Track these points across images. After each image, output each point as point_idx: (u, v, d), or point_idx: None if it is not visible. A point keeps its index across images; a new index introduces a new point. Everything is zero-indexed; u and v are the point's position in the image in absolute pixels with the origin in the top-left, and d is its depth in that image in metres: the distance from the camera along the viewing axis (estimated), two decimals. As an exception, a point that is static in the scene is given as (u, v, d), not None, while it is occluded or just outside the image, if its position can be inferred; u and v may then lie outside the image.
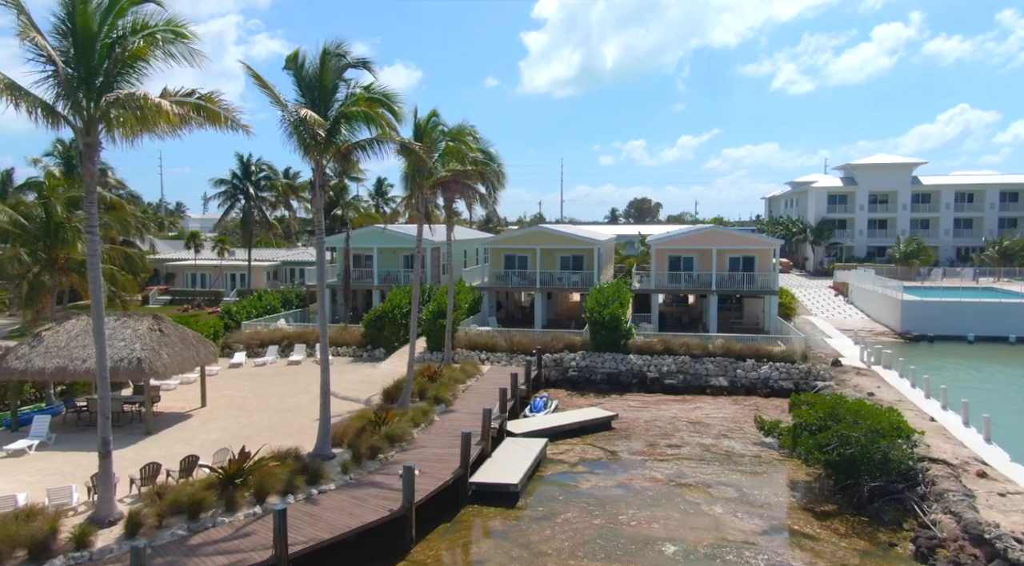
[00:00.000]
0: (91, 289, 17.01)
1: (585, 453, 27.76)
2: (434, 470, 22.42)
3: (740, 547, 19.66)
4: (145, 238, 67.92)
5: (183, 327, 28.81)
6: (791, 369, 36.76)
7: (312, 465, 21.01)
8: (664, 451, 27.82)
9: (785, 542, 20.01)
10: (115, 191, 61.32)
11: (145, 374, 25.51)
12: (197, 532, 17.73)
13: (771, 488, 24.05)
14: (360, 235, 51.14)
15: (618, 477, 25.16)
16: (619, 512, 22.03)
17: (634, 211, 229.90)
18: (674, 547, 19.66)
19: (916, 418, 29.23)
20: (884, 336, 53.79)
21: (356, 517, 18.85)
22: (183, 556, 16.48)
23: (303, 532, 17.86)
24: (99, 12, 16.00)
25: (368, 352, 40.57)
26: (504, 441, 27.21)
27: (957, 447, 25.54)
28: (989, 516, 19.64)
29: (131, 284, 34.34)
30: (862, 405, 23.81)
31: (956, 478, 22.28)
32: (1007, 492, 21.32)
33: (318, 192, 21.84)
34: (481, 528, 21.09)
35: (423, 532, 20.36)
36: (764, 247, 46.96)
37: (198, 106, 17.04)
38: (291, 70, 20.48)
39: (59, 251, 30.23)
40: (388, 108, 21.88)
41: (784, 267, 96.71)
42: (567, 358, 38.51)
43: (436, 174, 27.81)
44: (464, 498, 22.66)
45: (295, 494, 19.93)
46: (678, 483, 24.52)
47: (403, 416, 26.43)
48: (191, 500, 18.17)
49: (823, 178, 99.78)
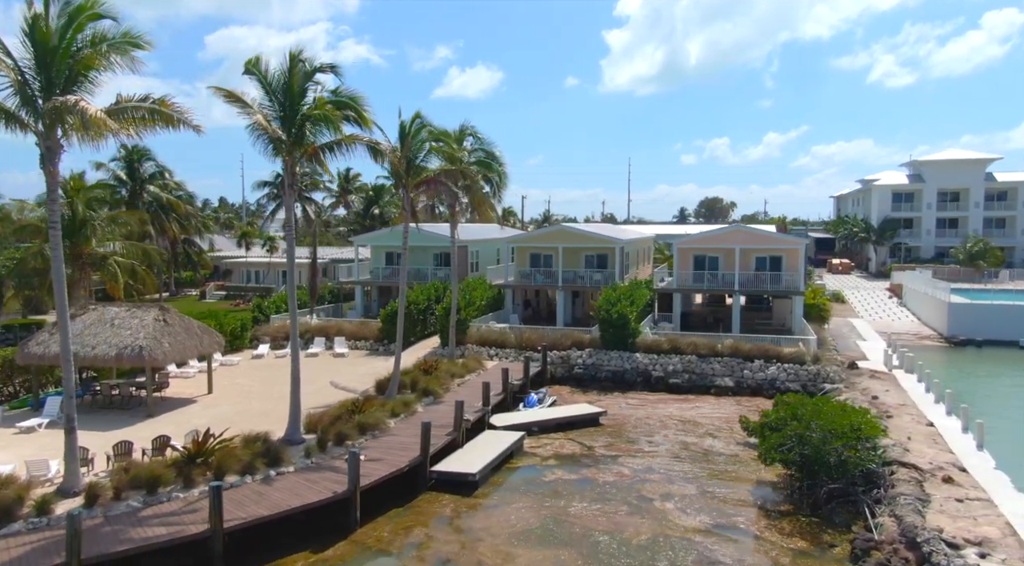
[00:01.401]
0: (54, 279, 18.69)
1: (562, 448, 28.18)
2: (395, 458, 23.36)
3: (676, 542, 19.81)
4: (204, 236, 71.79)
5: (189, 318, 30.71)
6: (799, 371, 36.07)
7: (275, 448, 22.27)
8: (641, 448, 27.97)
9: (723, 539, 20.01)
10: (173, 192, 64.97)
11: (146, 361, 27.42)
12: (151, 505, 19.19)
13: (734, 487, 23.94)
14: (390, 233, 52.70)
15: (584, 471, 25.52)
16: (570, 504, 22.45)
17: (705, 211, 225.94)
18: (609, 539, 19.98)
19: (912, 422, 28.49)
20: (929, 340, 51.77)
21: (300, 497, 19.97)
22: (130, 525, 17.93)
23: (246, 509, 19.08)
24: (59, 27, 17.56)
25: (384, 346, 41.95)
26: (482, 433, 27.91)
27: (940, 452, 24.81)
28: (936, 521, 19.18)
29: (150, 277, 36.55)
30: (824, 406, 23.40)
31: (918, 483, 21.74)
32: (966, 498, 20.70)
33: (288, 191, 23.09)
34: (430, 513, 21.88)
35: (374, 515, 21.29)
36: (790, 247, 45.98)
37: (152, 110, 18.42)
38: (254, 74, 21.71)
39: (83, 246, 32.62)
40: (355, 110, 22.93)
41: (844, 268, 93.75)
42: (574, 355, 38.87)
43: (425, 173, 28.76)
44: (424, 485, 23.49)
45: (253, 474, 21.21)
46: (642, 479, 24.70)
47: (383, 406, 27.48)
48: (150, 476, 19.66)
49: (888, 175, 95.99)
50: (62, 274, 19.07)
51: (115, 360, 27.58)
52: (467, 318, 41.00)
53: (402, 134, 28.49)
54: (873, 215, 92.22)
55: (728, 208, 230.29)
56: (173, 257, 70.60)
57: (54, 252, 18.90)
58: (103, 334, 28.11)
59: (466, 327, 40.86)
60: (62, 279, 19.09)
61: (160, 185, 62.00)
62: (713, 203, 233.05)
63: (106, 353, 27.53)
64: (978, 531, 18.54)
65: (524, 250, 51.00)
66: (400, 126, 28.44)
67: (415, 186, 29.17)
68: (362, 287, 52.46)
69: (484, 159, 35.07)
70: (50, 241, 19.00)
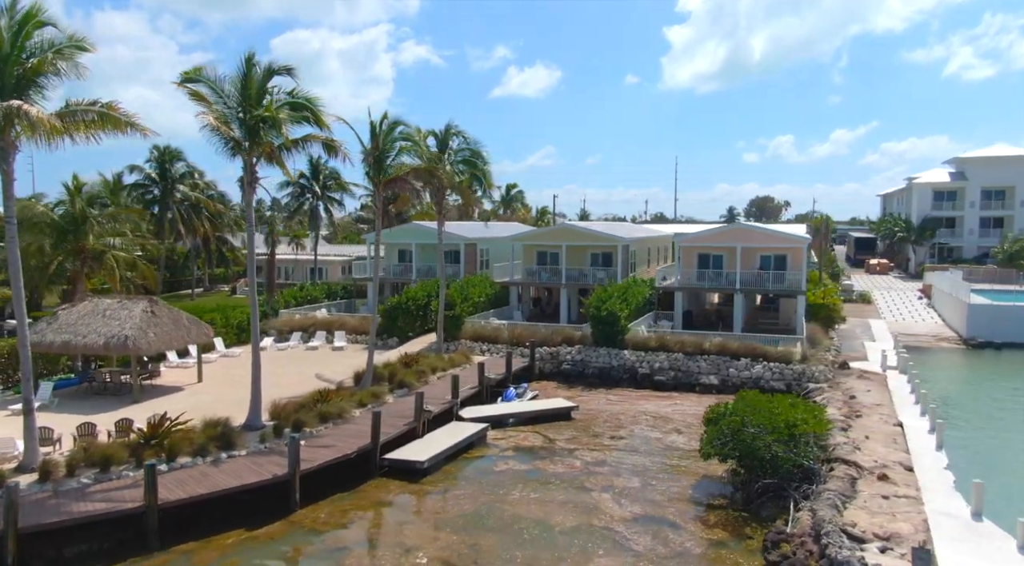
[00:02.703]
0: (11, 272, 20.19)
1: (525, 440, 28.77)
2: (347, 444, 24.35)
3: (597, 531, 20.26)
4: (236, 234, 74.44)
5: (178, 311, 32.32)
6: (784, 370, 35.84)
7: (229, 433, 23.48)
8: (602, 442, 28.36)
9: (644, 529, 20.36)
10: (205, 192, 67.61)
11: (130, 350, 29.08)
12: (101, 482, 20.57)
13: (679, 480, 24.19)
14: (400, 231, 54.02)
15: (537, 463, 26.08)
16: (510, 493, 23.08)
17: (755, 210, 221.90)
18: (534, 526, 20.56)
19: (879, 422, 28.25)
20: (947, 342, 50.53)
21: (241, 478, 21.11)
22: (74, 500, 19.32)
23: (186, 488, 20.30)
24: (10, 36, 19.04)
25: (383, 341, 43.09)
26: (447, 424, 28.69)
27: (894, 451, 24.61)
28: (854, 516, 19.21)
29: (150, 271, 38.39)
30: (764, 403, 23.44)
31: (853, 480, 21.69)
32: (893, 496, 20.62)
33: (247, 189, 24.30)
34: (373, 498, 22.78)
35: (318, 498, 22.29)
36: (793, 245, 45.44)
37: (101, 114, 19.79)
38: (196, 82, 22.86)
39: (83, 242, 34.60)
40: (311, 111, 24.01)
41: (882, 268, 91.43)
42: (563, 352, 39.35)
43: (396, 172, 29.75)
44: (375, 471, 24.41)
45: (205, 456, 22.45)
46: (590, 471, 25.14)
47: (352, 396, 28.54)
48: (103, 455, 21.04)
49: (931, 173, 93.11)
50: (18, 268, 20.52)
51: (103, 348, 29.30)
52: (462, 314, 41.84)
53: (372, 134, 29.50)
54: (914, 214, 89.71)
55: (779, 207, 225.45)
56: (207, 254, 73.53)
57: (9, 247, 20.39)
58: (94, 324, 29.88)
59: (461, 323, 41.72)
60: (18, 273, 20.55)
61: (190, 185, 64.60)
62: (764, 202, 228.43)
63: (95, 341, 29.27)
64: (891, 527, 18.52)
65: (531, 248, 51.62)
66: (371, 126, 29.46)
67: (384, 184, 30.17)
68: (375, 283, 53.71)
69: (469, 158, 35.83)
70: (7, 239, 20.51)
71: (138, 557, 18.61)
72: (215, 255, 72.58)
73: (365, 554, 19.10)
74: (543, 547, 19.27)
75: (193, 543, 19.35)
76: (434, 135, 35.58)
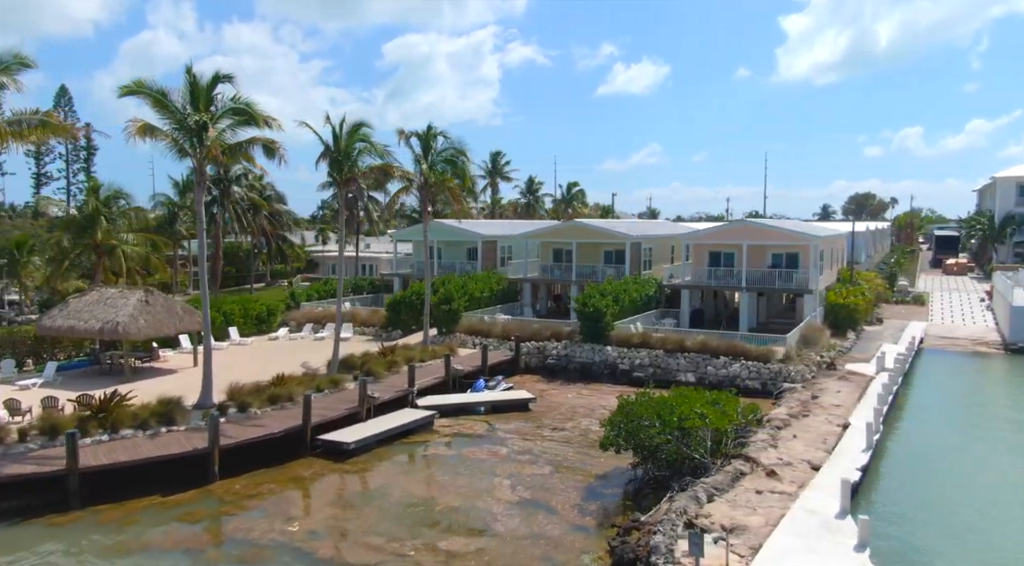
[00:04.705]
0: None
1: (471, 428, 29.85)
2: (281, 424, 26.21)
3: (475, 511, 21.22)
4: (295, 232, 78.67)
5: (173, 301, 35.27)
6: (761, 369, 35.27)
7: (173, 410, 25.78)
8: (541, 433, 29.08)
9: (519, 513, 21.13)
10: (263, 193, 71.92)
11: (120, 335, 32.09)
12: (46, 448, 23.18)
13: (589, 470, 24.70)
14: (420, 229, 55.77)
15: (466, 449, 27.17)
16: (418, 474, 24.41)
17: (854, 207, 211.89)
18: (418, 505, 21.81)
19: (823, 422, 27.83)
20: (986, 346, 47.66)
21: (166, 449, 23.30)
22: (14, 461, 21.96)
23: (113, 455, 22.64)
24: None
25: (387, 332, 45.06)
26: (397, 411, 30.11)
27: (812, 451, 24.33)
28: (715, 508, 19.40)
29: (161, 266, 41.67)
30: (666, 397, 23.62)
31: (739, 474, 21.67)
32: (769, 491, 20.58)
33: (198, 189, 26.57)
34: (291, 474, 24.50)
35: (241, 471, 24.19)
36: (802, 243, 44.26)
37: (43, 121, 22.41)
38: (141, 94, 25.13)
39: (95, 237, 38.16)
40: (250, 114, 26.03)
41: (959, 268, 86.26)
42: (550, 347, 40.05)
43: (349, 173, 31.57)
44: (305, 449, 26.14)
45: (146, 430, 24.81)
46: (512, 458, 26.02)
47: (310, 382, 30.47)
48: (50, 425, 23.69)
49: (1018, 168, 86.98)
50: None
51: (98, 333, 32.46)
52: (459, 309, 43.22)
53: (335, 136, 31.34)
54: (997, 211, 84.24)
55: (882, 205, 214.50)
56: (269, 251, 78.11)
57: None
58: (96, 311, 33.10)
59: (458, 317, 43.12)
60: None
61: (247, 186, 68.90)
62: (864, 199, 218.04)
63: (93, 326, 32.45)
64: (744, 520, 18.61)
65: (548, 245, 52.40)
66: (332, 129, 31.30)
67: (345, 183, 31.96)
68: (401, 278, 55.96)
69: (451, 157, 37.17)
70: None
71: (57, 515, 20.98)
72: (275, 252, 76.91)
73: (251, 519, 20.85)
74: (410, 523, 20.42)
75: (110, 505, 21.60)
76: (417, 136, 37.14)
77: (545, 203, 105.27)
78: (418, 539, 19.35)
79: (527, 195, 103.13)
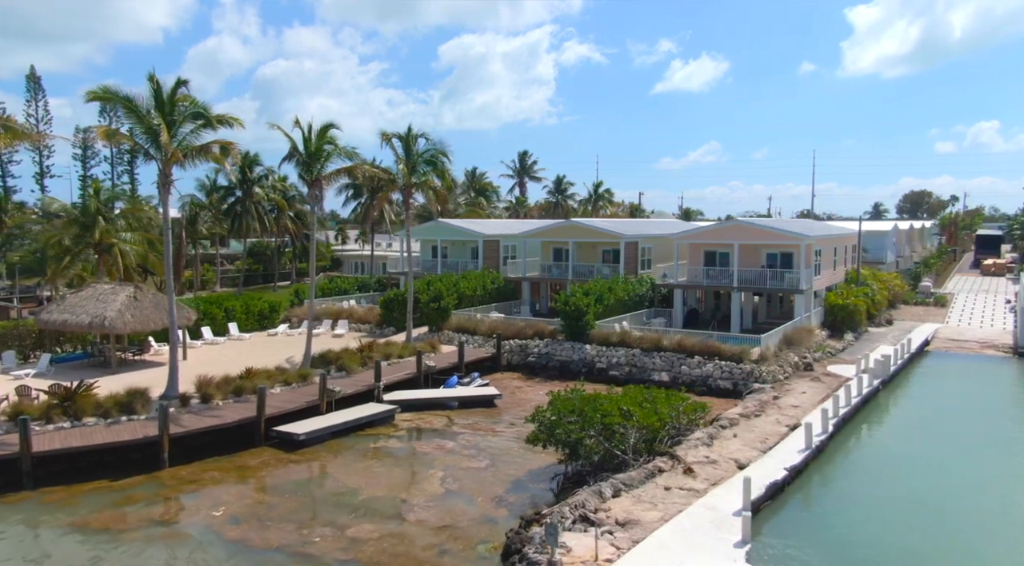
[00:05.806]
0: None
1: (430, 422, 30.57)
2: (240, 415, 27.32)
3: (392, 501, 21.96)
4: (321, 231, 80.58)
5: (161, 296, 36.78)
6: (734, 369, 35.05)
7: (135, 401, 27.12)
8: (494, 428, 29.63)
9: (437, 504, 21.74)
10: (287, 193, 74.00)
11: (107, 329, 33.76)
12: (10, 433, 24.70)
13: (525, 465, 25.12)
14: (430, 228, 56.89)
15: (416, 443, 27.93)
16: (359, 465, 25.17)
17: (909, 206, 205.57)
18: (344, 493, 22.64)
19: (772, 423, 27.87)
20: (993, 349, 46.26)
21: (118, 436, 24.60)
22: (-25, 445, 23.54)
23: (68, 441, 24.03)
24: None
25: (380, 330, 46.10)
26: (359, 406, 30.97)
27: (746, 450, 24.43)
28: (616, 503, 19.79)
29: (159, 265, 43.28)
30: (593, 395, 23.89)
31: (657, 470, 21.87)
32: (677, 488, 20.91)
33: (162, 190, 27.91)
34: (237, 463, 25.55)
35: (192, 459, 25.37)
36: (796, 243, 43.65)
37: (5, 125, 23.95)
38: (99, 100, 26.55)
39: (99, 235, 40.05)
40: (205, 117, 27.28)
41: (998, 269, 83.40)
42: (531, 344, 40.48)
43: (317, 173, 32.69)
44: (259, 439, 27.20)
45: (107, 418, 26.20)
46: (456, 452, 26.66)
47: (280, 376, 31.59)
48: (17, 412, 25.23)
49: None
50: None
51: (87, 327, 34.21)
52: (448, 306, 43.97)
53: (305, 139, 32.47)
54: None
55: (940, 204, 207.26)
56: (294, 250, 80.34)
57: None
58: (88, 306, 34.87)
59: (447, 315, 43.89)
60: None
61: (268, 187, 71.02)
62: (919, 197, 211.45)
63: (83, 321, 34.20)
64: (640, 515, 18.92)
65: (547, 245, 52.79)
66: (302, 133, 32.46)
67: (312, 182, 33.04)
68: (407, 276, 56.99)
69: (431, 158, 37.95)
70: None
71: (9, 494, 22.42)
72: (300, 251, 78.98)
73: (183, 503, 21.99)
74: (330, 510, 21.23)
75: (60, 487, 22.97)
76: (399, 137, 38.04)
77: (575, 200, 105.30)
78: (328, 527, 20.11)
79: (555, 195, 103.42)
